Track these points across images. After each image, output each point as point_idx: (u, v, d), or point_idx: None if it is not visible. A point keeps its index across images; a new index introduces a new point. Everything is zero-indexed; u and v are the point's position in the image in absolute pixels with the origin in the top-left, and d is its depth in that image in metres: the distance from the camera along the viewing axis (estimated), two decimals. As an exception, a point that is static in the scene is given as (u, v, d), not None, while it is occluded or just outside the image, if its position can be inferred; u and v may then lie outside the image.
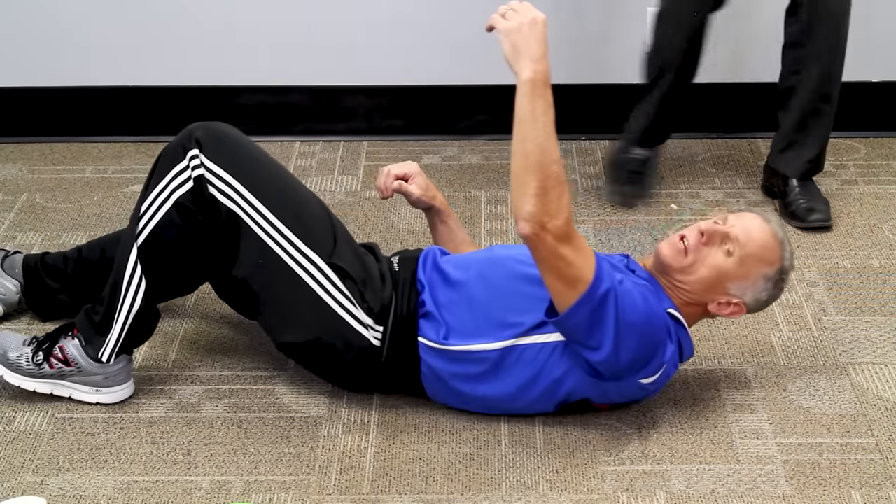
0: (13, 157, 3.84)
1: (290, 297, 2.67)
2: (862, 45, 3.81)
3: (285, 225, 2.66)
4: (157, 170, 2.70)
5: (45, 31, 3.83)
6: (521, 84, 2.42)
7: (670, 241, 2.68)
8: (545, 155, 2.41)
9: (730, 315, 2.67)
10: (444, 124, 3.92)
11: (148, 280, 2.68)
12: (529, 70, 2.41)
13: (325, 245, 2.68)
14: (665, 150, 3.70)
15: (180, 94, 3.90)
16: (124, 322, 2.71)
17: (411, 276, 2.72)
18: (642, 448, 2.66)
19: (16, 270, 3.03)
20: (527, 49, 2.42)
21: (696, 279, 2.64)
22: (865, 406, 2.78)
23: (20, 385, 2.76)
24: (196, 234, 2.67)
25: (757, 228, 2.65)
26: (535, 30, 2.42)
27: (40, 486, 2.58)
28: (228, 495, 2.55)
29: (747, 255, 2.62)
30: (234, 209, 2.65)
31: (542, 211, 2.41)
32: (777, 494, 2.54)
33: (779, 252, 2.65)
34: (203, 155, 2.65)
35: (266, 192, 2.67)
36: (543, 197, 2.40)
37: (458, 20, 3.81)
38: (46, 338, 2.77)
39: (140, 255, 2.67)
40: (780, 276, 2.66)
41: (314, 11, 3.81)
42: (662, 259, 2.66)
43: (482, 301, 2.66)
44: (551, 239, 2.42)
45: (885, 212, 3.52)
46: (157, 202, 2.67)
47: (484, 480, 2.59)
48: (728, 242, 2.63)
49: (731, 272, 2.63)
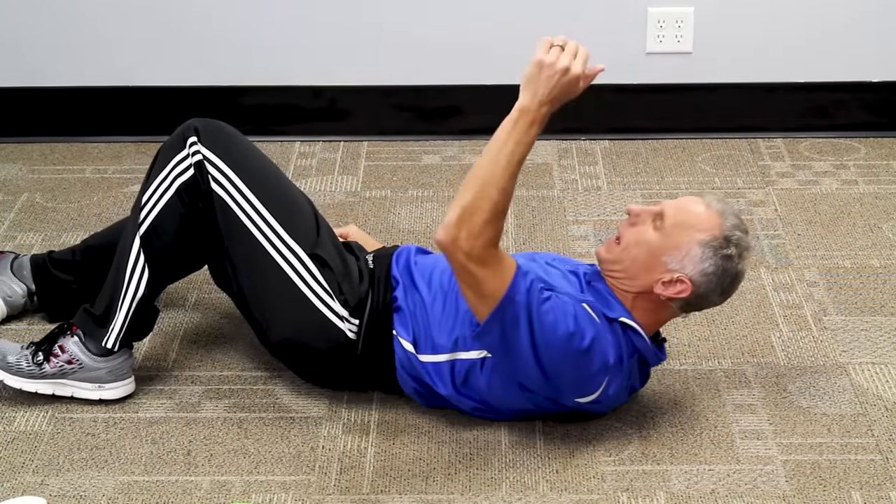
0: (13, 157, 3.84)
1: (270, 289, 2.70)
2: (862, 45, 3.82)
3: (272, 214, 2.71)
4: (158, 161, 2.76)
5: (45, 31, 3.83)
6: (514, 108, 2.43)
7: (606, 239, 2.67)
8: (493, 178, 2.40)
9: (678, 295, 2.56)
10: (444, 124, 3.92)
11: (150, 268, 2.71)
12: (526, 102, 2.42)
13: (308, 237, 2.72)
14: (665, 149, 3.70)
15: (180, 94, 3.89)
16: (128, 310, 2.72)
17: (385, 273, 2.74)
18: (642, 448, 2.66)
19: (24, 273, 3.03)
20: (538, 88, 2.41)
21: (630, 261, 2.58)
22: (865, 406, 2.78)
23: (22, 388, 2.76)
24: (196, 221, 2.72)
25: (687, 201, 2.60)
26: (558, 79, 2.40)
27: (40, 486, 2.58)
28: (228, 495, 2.55)
29: (675, 223, 2.56)
30: (224, 198, 2.71)
31: (461, 227, 2.40)
32: (777, 494, 2.54)
33: (716, 220, 2.55)
34: (201, 143, 2.72)
35: (258, 184, 2.72)
36: (469, 215, 2.40)
37: (459, 20, 3.81)
38: (45, 339, 2.77)
39: (143, 243, 2.71)
40: (720, 244, 2.55)
41: (314, 11, 3.81)
42: (599, 256, 2.64)
43: (437, 311, 2.65)
44: (461, 255, 2.41)
45: (885, 212, 3.52)
46: (159, 191, 2.72)
47: (484, 480, 2.59)
48: (659, 217, 2.58)
49: (660, 243, 2.55)
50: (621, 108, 3.86)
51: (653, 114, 3.88)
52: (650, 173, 3.73)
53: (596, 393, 2.57)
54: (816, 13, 3.78)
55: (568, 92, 2.42)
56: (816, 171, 3.72)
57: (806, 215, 3.51)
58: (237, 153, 2.75)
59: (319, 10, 3.81)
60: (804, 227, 3.45)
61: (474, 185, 2.41)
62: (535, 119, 2.42)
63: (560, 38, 2.43)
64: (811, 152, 3.82)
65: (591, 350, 2.51)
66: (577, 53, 2.42)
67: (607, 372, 2.55)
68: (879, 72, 3.86)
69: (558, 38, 2.43)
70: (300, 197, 2.82)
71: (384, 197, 3.62)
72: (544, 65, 2.40)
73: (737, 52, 3.83)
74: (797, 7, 3.78)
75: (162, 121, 3.90)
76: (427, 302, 2.67)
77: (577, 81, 2.42)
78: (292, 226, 2.72)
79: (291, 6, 3.80)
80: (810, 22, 3.79)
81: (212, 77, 3.88)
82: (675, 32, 3.80)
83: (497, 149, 2.42)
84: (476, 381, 2.63)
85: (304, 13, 3.81)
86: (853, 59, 3.84)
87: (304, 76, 3.88)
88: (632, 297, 2.61)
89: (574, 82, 2.41)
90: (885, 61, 3.84)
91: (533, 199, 3.60)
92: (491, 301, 2.44)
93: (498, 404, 2.66)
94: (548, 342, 2.47)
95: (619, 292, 2.62)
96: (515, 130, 2.42)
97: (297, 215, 2.75)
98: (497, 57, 3.85)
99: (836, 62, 3.84)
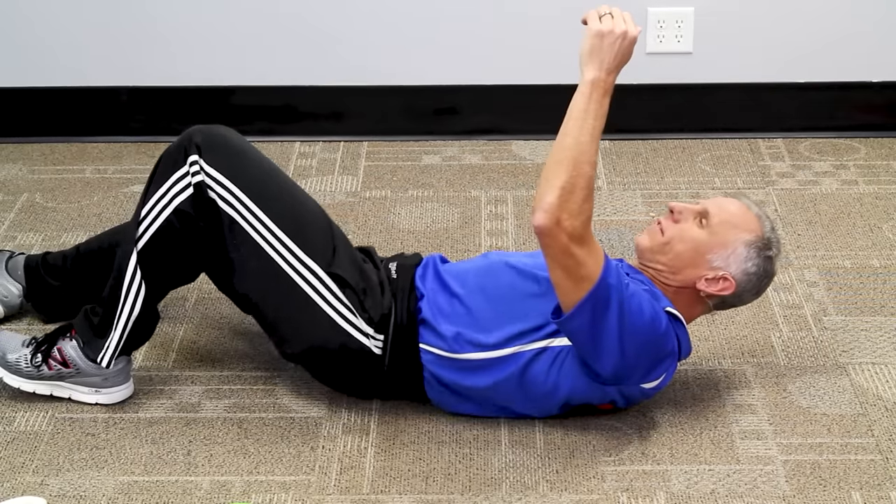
0: (13, 157, 3.84)
1: (290, 308, 2.66)
2: (862, 45, 3.82)
3: (285, 233, 2.65)
4: (158, 174, 2.69)
5: (45, 31, 3.83)
6: (583, 83, 2.45)
7: (646, 229, 2.71)
8: (582, 154, 2.42)
9: (720, 292, 2.62)
10: (444, 124, 3.92)
11: (148, 285, 2.68)
12: (595, 74, 2.44)
13: (324, 254, 2.67)
14: (665, 149, 3.70)
15: (180, 94, 3.89)
16: (124, 327, 2.70)
17: (410, 284, 2.72)
18: (642, 448, 2.66)
19: (18, 273, 3.03)
20: (604, 56, 2.44)
21: (674, 255, 2.63)
22: (865, 406, 2.78)
23: (20, 387, 2.76)
24: (196, 239, 2.67)
25: (728, 202, 2.67)
26: (620, 43, 2.45)
27: (40, 486, 2.58)
28: (228, 495, 2.55)
29: (720, 222, 2.62)
30: (233, 216, 2.64)
31: (562, 207, 2.41)
32: (777, 495, 2.54)
33: (757, 222, 2.64)
34: (203, 160, 2.64)
35: (266, 199, 2.66)
36: (568, 193, 2.41)
37: (460, 20, 3.81)
38: (45, 339, 2.77)
39: (140, 260, 2.67)
40: (764, 244, 2.63)
41: (314, 11, 3.81)
42: (641, 246, 2.67)
43: (483, 311, 2.65)
44: (564, 237, 2.42)
45: (885, 212, 3.52)
46: (157, 208, 2.66)
47: (484, 480, 2.59)
48: (704, 215, 2.64)
49: (707, 241, 2.62)
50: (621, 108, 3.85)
51: (653, 114, 3.89)
52: (650, 173, 3.73)
53: (661, 377, 2.61)
54: (816, 13, 3.78)
55: (628, 54, 2.47)
56: (816, 172, 3.72)
57: (806, 215, 3.51)
58: (243, 169, 2.67)
59: (320, 9, 3.81)
60: (804, 227, 3.45)
61: (566, 164, 2.42)
62: (606, 88, 2.45)
63: (604, 7, 2.47)
64: (811, 152, 3.82)
65: (666, 334, 2.56)
66: (626, 17, 2.47)
67: (672, 356, 2.61)
68: (879, 72, 3.86)
69: (603, 7, 2.47)
70: (313, 209, 2.75)
71: (384, 197, 3.62)
72: (604, 33, 2.44)
73: (737, 52, 3.83)
74: (797, 7, 3.78)
75: (162, 121, 3.91)
76: (468, 303, 2.66)
77: (634, 42, 2.46)
78: (307, 242, 2.66)
79: (291, 6, 3.80)
80: (810, 22, 3.79)
81: (212, 77, 3.88)
82: (675, 32, 3.80)
83: (578, 126, 2.43)
84: (537, 373, 2.62)
85: (305, 13, 3.81)
86: (853, 59, 3.83)
87: (304, 76, 3.88)
88: (672, 290, 2.65)
89: (632, 44, 2.47)
90: (885, 61, 3.84)
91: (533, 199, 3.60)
92: (587, 284, 2.45)
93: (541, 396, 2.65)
94: (634, 324, 2.50)
95: (660, 284, 2.66)
96: (592, 104, 2.44)
97: (311, 230, 2.69)
98: (497, 57, 3.85)
99: (836, 62, 3.83)
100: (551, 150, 2.46)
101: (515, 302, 2.65)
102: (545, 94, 3.85)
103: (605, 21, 2.46)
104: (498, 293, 2.67)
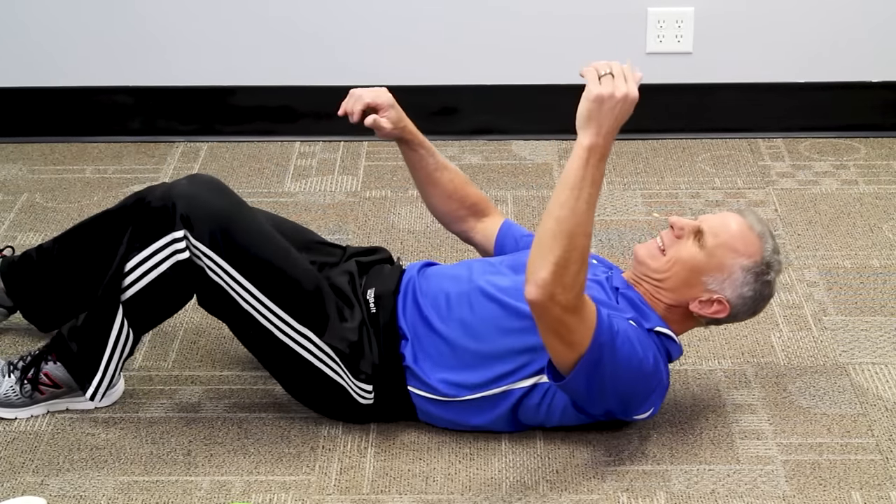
0: (13, 157, 3.84)
1: (286, 367, 2.66)
2: (862, 45, 3.82)
3: (277, 304, 2.60)
4: (141, 230, 2.59)
5: (45, 31, 3.83)
6: (580, 148, 2.32)
7: (646, 243, 2.66)
8: (578, 226, 2.33)
9: (713, 315, 2.59)
10: (444, 124, 3.92)
11: (136, 330, 2.66)
12: (592, 140, 2.32)
13: (318, 322, 2.62)
14: (665, 149, 3.69)
15: (180, 94, 3.90)
16: (116, 365, 2.68)
17: (391, 320, 2.67)
18: (642, 448, 2.66)
19: None
20: (602, 121, 2.32)
21: (671, 276, 2.59)
22: (865, 406, 2.78)
23: (16, 416, 2.74)
24: (186, 294, 2.65)
25: (731, 220, 2.59)
26: (619, 108, 2.32)
27: (40, 486, 2.58)
28: (228, 495, 2.55)
29: (719, 244, 2.56)
30: (224, 288, 2.59)
31: (557, 282, 2.33)
32: (777, 494, 2.54)
33: (758, 244, 2.57)
34: (191, 236, 2.56)
35: (256, 272, 2.59)
36: (563, 269, 2.33)
37: (460, 20, 3.81)
38: (28, 366, 2.73)
39: (126, 311, 2.63)
40: (762, 269, 2.57)
41: (314, 11, 3.81)
42: (639, 259, 2.63)
43: (466, 351, 2.61)
44: (558, 310, 2.36)
45: (885, 212, 3.52)
46: (142, 267, 2.59)
47: (484, 480, 2.59)
48: (700, 235, 2.58)
49: (704, 263, 2.56)
50: (621, 108, 3.85)
51: (653, 114, 3.88)
52: (650, 173, 3.73)
53: (650, 411, 2.60)
54: (816, 13, 3.79)
55: (628, 114, 2.35)
56: (816, 171, 3.72)
57: (806, 215, 3.51)
58: (231, 240, 2.57)
59: (320, 10, 3.81)
60: (804, 227, 3.45)
61: (560, 238, 2.33)
62: (604, 153, 2.34)
63: (604, 65, 2.35)
64: (811, 152, 3.82)
65: (655, 369, 2.54)
66: (626, 76, 2.35)
67: (660, 388, 2.58)
68: (879, 72, 3.86)
69: (602, 66, 2.35)
70: (304, 275, 2.64)
71: (384, 197, 3.62)
72: (604, 98, 2.31)
73: (737, 52, 3.83)
74: (797, 7, 3.78)
75: (162, 121, 3.91)
76: (451, 341, 2.62)
77: (635, 103, 2.35)
78: (300, 313, 2.61)
79: (291, 6, 3.80)
80: (810, 22, 3.79)
81: (211, 77, 3.88)
82: (675, 32, 3.80)
83: (575, 196, 2.33)
84: (528, 408, 2.62)
85: (305, 13, 3.81)
86: (853, 59, 3.83)
87: (304, 76, 3.88)
88: (664, 306, 2.62)
89: (633, 104, 2.35)
90: (885, 61, 3.84)
91: (533, 199, 3.60)
92: (580, 348, 2.41)
93: (535, 424, 2.66)
94: (621, 373, 2.48)
95: (652, 300, 2.62)
96: (589, 171, 2.32)
97: (304, 301, 2.61)
98: (497, 57, 3.85)
99: (836, 62, 3.84)
100: (545, 215, 2.36)
101: (500, 339, 2.59)
102: (545, 94, 3.85)
103: (605, 83, 2.32)
104: (481, 331, 2.61)
